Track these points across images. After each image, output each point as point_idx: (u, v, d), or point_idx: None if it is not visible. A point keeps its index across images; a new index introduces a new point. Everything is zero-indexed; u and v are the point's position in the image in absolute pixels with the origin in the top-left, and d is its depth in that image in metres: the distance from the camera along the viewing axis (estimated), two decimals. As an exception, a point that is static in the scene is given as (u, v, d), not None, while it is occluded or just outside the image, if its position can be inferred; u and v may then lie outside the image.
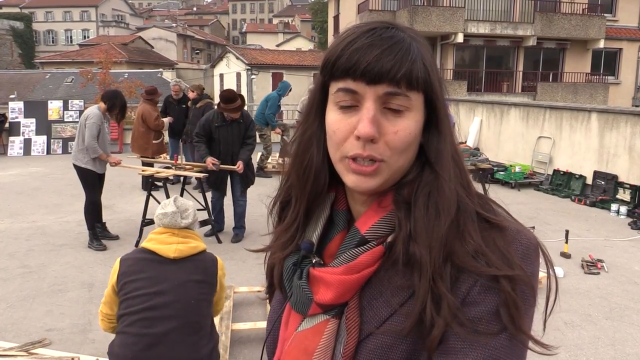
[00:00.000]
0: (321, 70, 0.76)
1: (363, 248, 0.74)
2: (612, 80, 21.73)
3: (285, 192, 0.86)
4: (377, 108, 0.71)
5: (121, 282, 2.26)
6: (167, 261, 2.31)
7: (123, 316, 2.22)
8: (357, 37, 0.72)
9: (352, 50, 0.70)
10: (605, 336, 3.83)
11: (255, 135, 5.88)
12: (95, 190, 5.80)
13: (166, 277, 2.26)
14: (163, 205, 2.46)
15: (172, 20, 65.60)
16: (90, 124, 5.54)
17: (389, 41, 0.71)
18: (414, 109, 0.72)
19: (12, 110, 13.49)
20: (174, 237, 2.37)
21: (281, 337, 0.83)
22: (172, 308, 2.20)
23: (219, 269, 2.45)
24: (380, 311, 0.73)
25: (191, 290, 2.28)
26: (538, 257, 0.74)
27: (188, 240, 2.40)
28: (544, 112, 9.87)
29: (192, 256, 2.37)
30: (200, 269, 2.35)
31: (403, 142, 0.71)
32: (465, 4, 19.13)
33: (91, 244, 5.72)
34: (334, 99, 0.74)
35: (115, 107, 5.74)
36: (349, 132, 0.72)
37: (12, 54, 45.35)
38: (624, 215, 7.34)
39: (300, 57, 28.31)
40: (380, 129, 0.70)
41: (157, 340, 2.15)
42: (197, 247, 2.41)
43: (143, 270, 2.27)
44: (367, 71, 0.69)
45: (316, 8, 52.18)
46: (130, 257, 2.36)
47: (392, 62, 0.69)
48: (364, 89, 0.70)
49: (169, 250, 2.32)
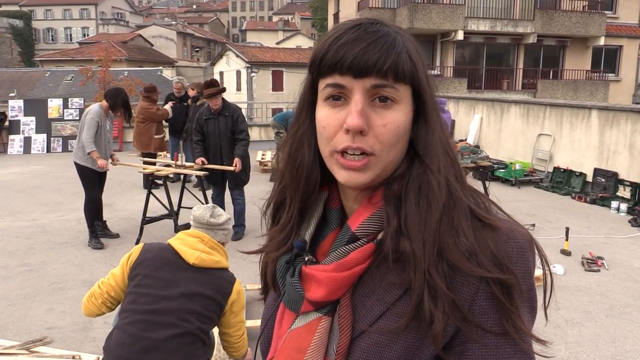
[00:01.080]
0: (309, 68, 0.76)
1: (353, 245, 0.75)
2: (612, 77, 21.74)
3: (279, 193, 0.86)
4: (366, 101, 0.71)
5: (135, 270, 2.24)
6: (185, 266, 2.28)
7: (125, 311, 2.20)
8: (342, 33, 0.72)
9: (338, 46, 0.71)
10: (606, 333, 3.83)
11: (247, 130, 5.85)
12: (94, 188, 5.76)
13: (178, 284, 2.24)
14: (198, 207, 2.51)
15: (171, 18, 65.59)
16: (89, 120, 5.50)
17: (373, 35, 0.71)
18: (401, 102, 0.72)
19: (12, 108, 13.48)
20: (201, 245, 2.36)
21: (275, 335, 0.83)
22: (175, 316, 2.18)
23: (235, 292, 2.37)
24: (372, 309, 0.73)
25: (197, 303, 2.25)
26: (534, 254, 0.74)
27: (213, 252, 2.39)
28: (544, 110, 9.86)
29: (211, 269, 2.34)
30: (213, 285, 2.31)
31: (392, 135, 0.71)
32: (466, 1, 19.13)
33: (90, 242, 5.71)
34: (323, 96, 0.74)
35: (118, 105, 5.70)
36: (339, 127, 0.72)
37: (11, 52, 45.33)
38: (624, 212, 7.34)
39: (300, 54, 28.27)
40: (369, 122, 0.71)
41: (154, 345, 2.13)
42: (219, 262, 2.38)
43: (159, 269, 2.25)
44: (354, 65, 0.70)
45: (316, 6, 52.15)
46: (153, 249, 2.33)
47: (378, 55, 0.70)
48: (351, 83, 0.71)
49: (191, 255, 2.30)
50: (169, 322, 2.17)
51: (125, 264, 2.31)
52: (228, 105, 5.83)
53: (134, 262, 2.28)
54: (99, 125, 5.54)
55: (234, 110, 5.82)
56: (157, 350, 2.13)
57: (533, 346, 0.72)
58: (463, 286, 0.69)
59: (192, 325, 2.21)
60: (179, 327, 2.17)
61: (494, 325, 0.68)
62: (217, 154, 5.80)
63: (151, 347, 2.12)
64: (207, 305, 2.27)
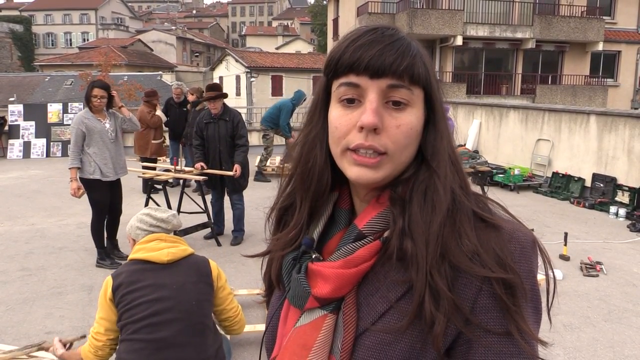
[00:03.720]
0: (324, 69, 0.78)
1: (360, 243, 0.76)
2: (611, 82, 21.77)
3: (286, 197, 0.86)
4: (380, 102, 0.72)
5: (118, 295, 2.22)
6: (161, 267, 2.30)
7: (126, 325, 2.20)
8: (359, 36, 0.74)
9: (355, 47, 0.72)
10: (604, 338, 3.83)
11: (247, 135, 5.87)
12: (100, 204, 5.17)
13: (164, 283, 2.25)
14: (140, 219, 2.46)
15: (171, 23, 65.71)
16: (71, 129, 5.01)
17: (390, 38, 0.73)
18: (415, 105, 0.74)
19: (12, 113, 13.50)
20: (163, 243, 2.38)
21: (280, 333, 0.83)
22: (175, 311, 2.20)
23: (212, 268, 2.45)
24: (376, 307, 0.73)
25: (190, 292, 2.28)
26: (536, 253, 0.74)
27: (177, 244, 2.42)
28: (543, 115, 9.89)
29: (184, 259, 2.38)
30: (193, 270, 2.36)
31: (405, 137, 0.72)
32: (465, 6, 19.17)
33: (102, 262, 5.18)
34: (337, 95, 0.75)
35: (88, 97, 5.05)
36: (352, 126, 0.73)
37: (11, 57, 45.40)
38: (623, 217, 7.34)
39: (299, 59, 28.36)
40: (382, 122, 0.72)
41: (165, 344, 2.15)
42: (186, 249, 2.43)
43: (140, 280, 2.25)
44: (370, 65, 0.71)
45: (315, 11, 52.33)
46: (122, 270, 2.31)
47: (395, 56, 0.71)
48: (366, 83, 0.72)
49: (161, 255, 2.31)
50: (171, 319, 2.19)
51: (104, 300, 2.26)
52: (228, 110, 5.85)
53: (112, 292, 2.24)
54: (85, 133, 4.93)
55: (234, 115, 5.84)
56: (168, 348, 2.14)
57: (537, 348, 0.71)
58: (465, 287, 0.69)
59: (194, 314, 2.24)
60: (182, 321, 2.20)
61: (497, 325, 0.69)
62: (216, 158, 5.82)
63: (162, 346, 2.14)
64: (199, 289, 2.32)
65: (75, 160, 4.97)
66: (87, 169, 5.02)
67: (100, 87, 5.11)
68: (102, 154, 5.05)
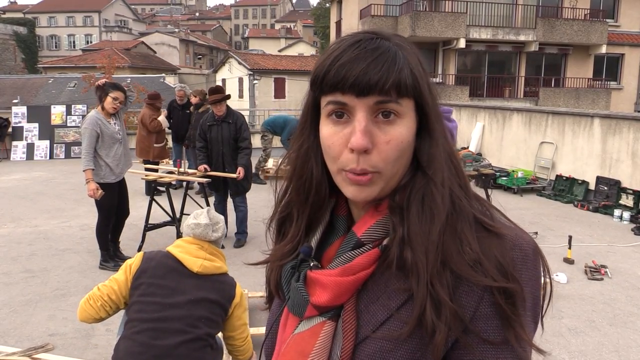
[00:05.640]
0: (311, 85, 0.77)
1: (359, 251, 0.75)
2: (614, 85, 21.75)
3: (284, 207, 0.86)
4: (369, 118, 0.71)
5: (139, 279, 2.25)
6: (189, 274, 2.30)
7: (133, 321, 2.20)
8: (342, 51, 0.72)
9: (339, 65, 0.71)
10: (610, 342, 3.81)
11: (250, 138, 5.87)
12: (108, 208, 5.17)
13: (184, 291, 2.25)
14: (195, 215, 2.47)
15: (174, 25, 65.83)
16: (83, 130, 5.01)
17: (374, 53, 0.71)
18: (405, 115, 0.73)
19: (15, 115, 13.54)
20: (202, 252, 2.38)
21: (279, 340, 0.83)
22: (182, 322, 2.20)
23: (237, 295, 2.41)
24: (376, 315, 0.73)
25: (204, 308, 2.27)
26: (538, 261, 0.74)
27: (214, 258, 2.41)
28: (547, 118, 9.87)
29: (214, 275, 2.37)
30: (217, 290, 2.34)
31: (395, 152, 0.72)
32: (468, 9, 19.18)
33: (106, 264, 5.23)
34: (326, 111, 0.75)
35: (104, 97, 5.04)
36: (344, 145, 0.72)
37: (15, 59, 45.51)
38: (627, 220, 7.32)
39: (302, 62, 28.35)
40: (373, 139, 0.71)
41: (164, 352, 2.14)
42: (221, 267, 2.42)
43: (163, 277, 2.26)
44: (356, 84, 0.70)
45: (318, 14, 52.35)
46: (155, 257, 2.34)
47: (380, 74, 0.70)
48: (353, 102, 0.71)
49: (194, 264, 2.32)
50: (178, 329, 2.18)
51: (128, 270, 2.31)
52: (232, 112, 5.85)
53: (137, 271, 2.28)
54: (99, 134, 4.97)
55: (238, 117, 5.85)
56: (167, 357, 2.14)
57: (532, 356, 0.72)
58: (467, 295, 0.69)
59: (201, 330, 2.23)
60: (188, 333, 2.19)
61: (496, 333, 0.68)
62: (219, 161, 5.82)
63: (162, 354, 2.13)
64: (214, 309, 2.30)
65: (90, 162, 4.94)
66: (98, 173, 5.02)
67: (122, 90, 5.17)
68: (114, 155, 5.09)
